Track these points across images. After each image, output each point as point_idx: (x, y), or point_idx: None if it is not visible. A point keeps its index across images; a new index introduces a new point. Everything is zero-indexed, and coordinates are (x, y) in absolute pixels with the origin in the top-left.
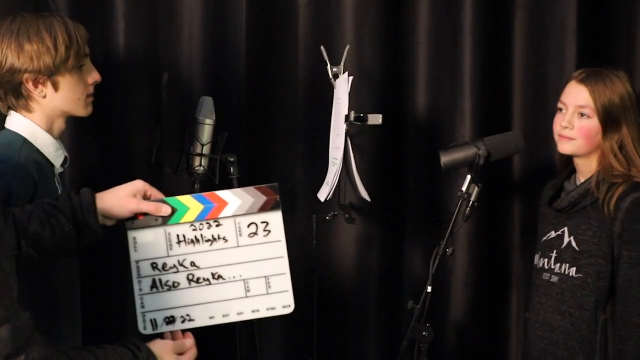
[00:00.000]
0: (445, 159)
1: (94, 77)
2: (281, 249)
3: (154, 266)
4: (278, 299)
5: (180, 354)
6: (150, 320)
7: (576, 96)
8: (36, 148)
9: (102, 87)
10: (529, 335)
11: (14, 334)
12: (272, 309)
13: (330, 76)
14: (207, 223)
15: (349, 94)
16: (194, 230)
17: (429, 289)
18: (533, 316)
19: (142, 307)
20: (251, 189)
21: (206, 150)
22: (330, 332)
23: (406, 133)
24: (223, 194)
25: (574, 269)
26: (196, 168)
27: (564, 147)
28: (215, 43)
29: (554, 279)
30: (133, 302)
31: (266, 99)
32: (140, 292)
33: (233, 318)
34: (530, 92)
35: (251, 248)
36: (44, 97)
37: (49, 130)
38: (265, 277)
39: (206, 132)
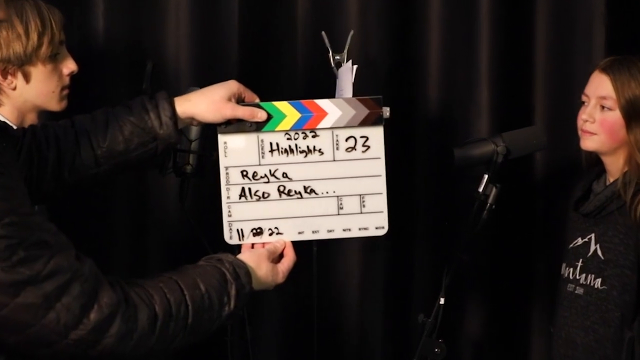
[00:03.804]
0: (459, 156)
1: (69, 67)
2: (379, 167)
3: (243, 174)
4: (372, 219)
5: (274, 261)
6: (237, 230)
7: (597, 87)
8: None
9: (79, 78)
10: (552, 352)
11: (83, 287)
12: (365, 229)
13: (332, 65)
14: (303, 133)
15: (353, 84)
16: (288, 139)
17: (442, 300)
18: (557, 331)
19: (229, 215)
20: (353, 100)
21: (195, 147)
22: (332, 348)
23: (416, 128)
24: (323, 103)
25: (599, 280)
26: (184, 167)
27: (586, 143)
28: (205, 28)
29: (579, 290)
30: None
31: (262, 89)
32: (228, 200)
33: (323, 235)
34: (553, 82)
35: (348, 163)
36: (14, 89)
37: (20, 126)
38: (360, 195)
39: (195, 127)
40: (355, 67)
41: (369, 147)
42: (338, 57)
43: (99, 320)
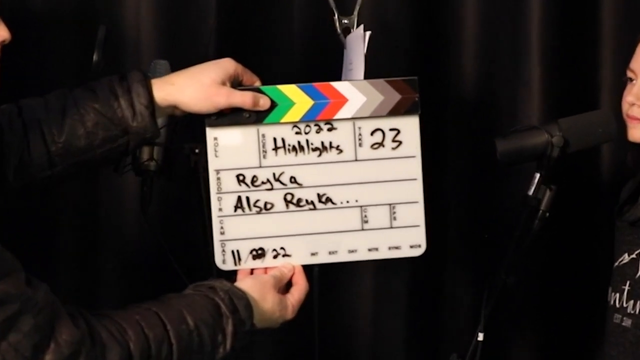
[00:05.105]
0: (503, 149)
1: (1, 34)
2: (414, 168)
3: (240, 179)
4: (405, 236)
5: (281, 291)
6: (233, 252)
7: None
8: None
9: (14, 49)
10: None
11: (36, 320)
12: (397, 248)
13: (339, 31)
14: (316, 125)
15: (365, 56)
16: (297, 133)
17: (481, 336)
18: None
19: (222, 233)
20: (381, 82)
21: (161, 137)
22: None
23: (446, 112)
24: (342, 86)
25: None
26: (146, 163)
27: (633, 133)
28: None
29: (627, 322)
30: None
31: (246, 63)
32: (220, 213)
33: (343, 257)
34: (623, 53)
35: (374, 164)
36: None
37: None
38: (389, 204)
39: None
40: (368, 33)
41: (400, 142)
42: (346, 21)
43: None
